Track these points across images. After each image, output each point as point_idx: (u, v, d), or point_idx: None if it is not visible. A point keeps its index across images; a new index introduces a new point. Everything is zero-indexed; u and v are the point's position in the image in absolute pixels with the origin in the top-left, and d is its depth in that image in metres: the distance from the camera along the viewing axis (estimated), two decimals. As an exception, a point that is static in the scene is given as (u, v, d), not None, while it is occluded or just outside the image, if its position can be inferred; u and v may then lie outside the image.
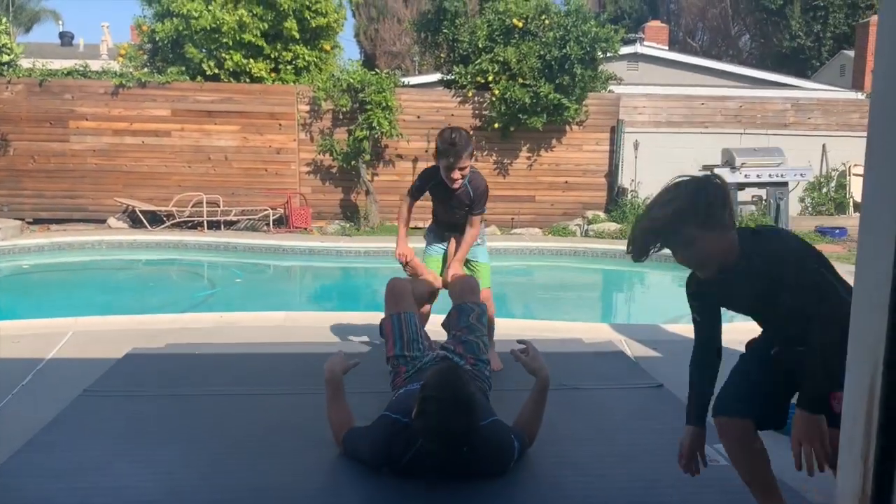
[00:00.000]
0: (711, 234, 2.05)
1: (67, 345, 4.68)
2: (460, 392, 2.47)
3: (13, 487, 2.63)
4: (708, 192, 2.06)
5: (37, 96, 11.49)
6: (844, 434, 0.98)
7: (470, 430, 2.49)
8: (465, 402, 2.46)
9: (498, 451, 2.68)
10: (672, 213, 2.04)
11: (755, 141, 12.34)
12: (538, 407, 2.94)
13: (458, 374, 2.62)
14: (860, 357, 0.94)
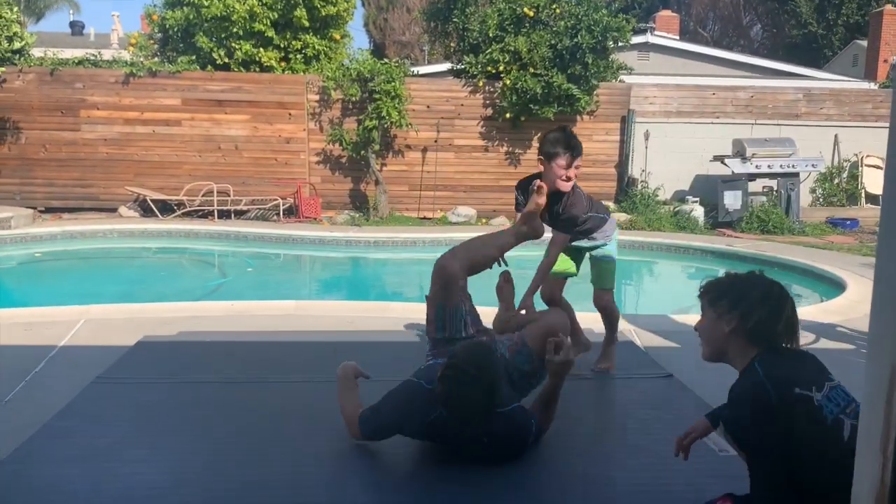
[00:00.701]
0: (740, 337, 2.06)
1: (80, 332, 4.70)
2: (485, 369, 2.51)
3: (26, 473, 2.65)
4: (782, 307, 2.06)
5: (48, 85, 11.53)
6: (862, 426, 0.98)
7: (487, 409, 2.52)
8: (487, 381, 2.50)
9: (516, 434, 2.73)
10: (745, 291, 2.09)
11: (766, 131, 12.27)
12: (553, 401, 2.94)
13: (489, 352, 2.64)
14: (879, 351, 0.94)
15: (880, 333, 0.95)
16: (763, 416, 1.91)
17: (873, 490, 0.94)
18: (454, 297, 3.00)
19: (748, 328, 2.02)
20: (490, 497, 2.57)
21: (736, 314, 2.04)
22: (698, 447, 2.97)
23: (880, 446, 0.92)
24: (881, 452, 0.92)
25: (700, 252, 9.62)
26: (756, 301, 2.03)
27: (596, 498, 2.60)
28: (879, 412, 0.92)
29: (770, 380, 1.91)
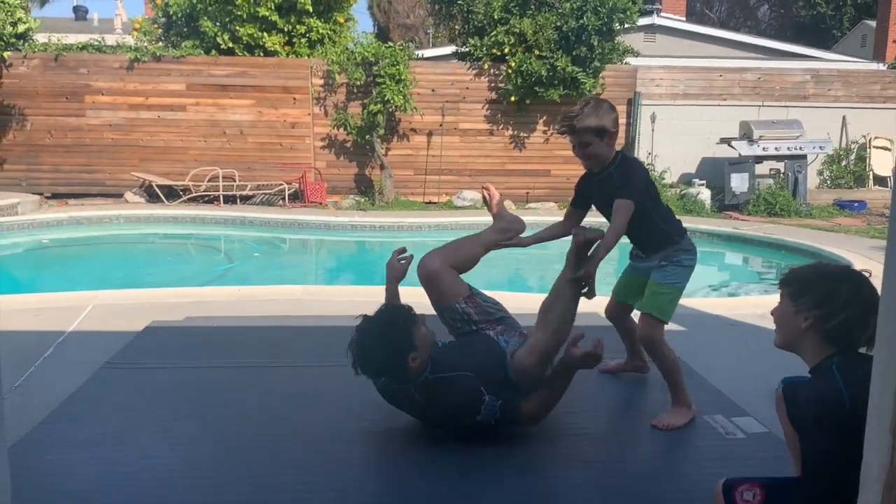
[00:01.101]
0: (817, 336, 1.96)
1: (88, 318, 4.72)
2: (389, 327, 2.68)
3: (37, 458, 2.68)
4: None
5: (52, 71, 11.52)
6: (872, 408, 0.97)
7: (387, 364, 2.69)
8: (388, 338, 2.65)
9: (451, 400, 2.76)
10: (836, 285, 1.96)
11: (774, 113, 12.19)
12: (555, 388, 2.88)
13: (398, 315, 2.76)
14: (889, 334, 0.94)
15: (890, 316, 0.95)
16: (834, 425, 1.80)
17: (882, 472, 0.94)
18: (446, 297, 3.10)
19: (827, 329, 1.91)
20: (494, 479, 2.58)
21: (817, 313, 1.92)
22: (704, 429, 2.98)
23: (890, 428, 0.92)
24: (890, 434, 0.92)
25: (706, 235, 9.59)
26: (841, 303, 1.90)
27: (603, 481, 2.61)
28: (890, 394, 0.92)
29: (849, 390, 1.79)
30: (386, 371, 2.75)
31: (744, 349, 4.30)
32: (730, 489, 1.94)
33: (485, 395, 2.74)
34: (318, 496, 2.45)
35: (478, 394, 2.74)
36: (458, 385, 2.76)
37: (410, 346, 2.68)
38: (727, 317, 5.03)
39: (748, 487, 1.93)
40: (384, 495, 2.49)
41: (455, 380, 2.78)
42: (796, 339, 1.98)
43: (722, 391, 3.44)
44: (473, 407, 2.74)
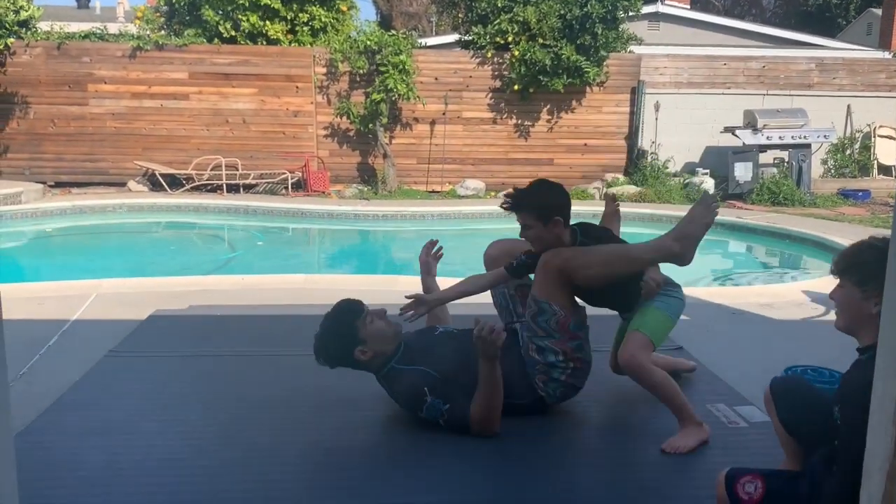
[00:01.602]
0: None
1: (92, 306, 4.74)
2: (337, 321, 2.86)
3: (43, 446, 2.69)
4: None
5: (55, 59, 11.50)
6: (875, 397, 0.98)
7: (332, 354, 2.86)
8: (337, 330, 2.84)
9: (401, 392, 2.85)
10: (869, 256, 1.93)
11: (778, 102, 12.13)
12: (479, 392, 2.74)
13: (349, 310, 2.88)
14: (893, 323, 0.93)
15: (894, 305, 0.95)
16: None
17: (886, 463, 0.94)
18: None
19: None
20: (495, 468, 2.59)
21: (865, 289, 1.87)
22: (706, 417, 2.99)
23: (894, 419, 0.92)
24: (893, 425, 0.92)
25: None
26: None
27: (604, 469, 2.62)
28: (893, 384, 0.92)
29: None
30: (337, 363, 2.90)
31: (746, 338, 4.31)
32: (732, 480, 1.94)
33: (427, 396, 2.76)
34: (323, 483, 2.47)
35: (420, 393, 2.77)
36: (406, 380, 2.83)
37: (355, 340, 2.81)
38: (730, 306, 5.03)
39: (750, 479, 1.92)
40: (388, 484, 2.50)
41: (406, 374, 2.84)
42: (864, 323, 1.91)
43: (724, 380, 3.45)
44: (416, 404, 2.80)
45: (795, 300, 5.14)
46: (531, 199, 2.85)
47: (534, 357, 2.85)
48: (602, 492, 2.46)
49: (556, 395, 2.90)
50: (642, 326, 2.86)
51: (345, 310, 2.89)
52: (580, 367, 2.88)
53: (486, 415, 2.74)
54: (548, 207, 2.81)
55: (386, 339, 2.87)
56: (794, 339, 4.21)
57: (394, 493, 2.42)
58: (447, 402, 2.75)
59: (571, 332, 2.81)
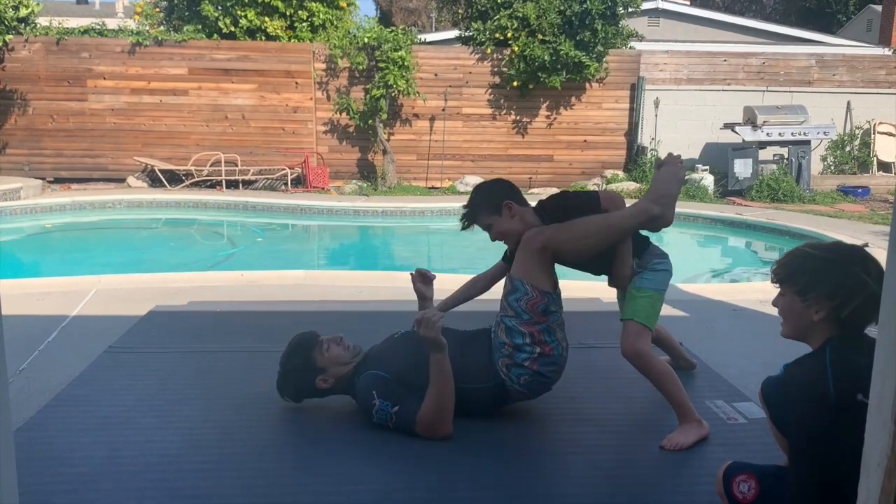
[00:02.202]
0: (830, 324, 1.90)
1: (91, 302, 4.74)
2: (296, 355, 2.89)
3: (42, 441, 2.69)
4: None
5: (54, 55, 11.48)
6: (874, 394, 0.98)
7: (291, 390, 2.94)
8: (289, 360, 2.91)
9: (359, 398, 2.82)
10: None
11: (778, 98, 12.14)
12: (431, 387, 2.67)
13: (304, 343, 2.92)
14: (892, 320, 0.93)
15: (893, 301, 0.95)
16: (814, 411, 1.76)
17: (883, 460, 0.94)
18: None
19: (842, 317, 1.84)
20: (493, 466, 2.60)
21: (830, 304, 1.85)
22: (705, 413, 2.99)
23: (892, 416, 0.92)
24: (892, 421, 0.93)
25: (709, 221, 9.58)
26: (852, 290, 1.83)
27: (600, 464, 2.62)
28: (891, 381, 0.92)
29: (835, 377, 1.75)
30: (302, 395, 2.94)
31: (746, 334, 4.31)
32: (728, 478, 1.95)
33: (375, 399, 2.72)
34: (320, 479, 2.47)
35: (369, 397, 2.74)
36: (358, 385, 2.82)
37: (314, 370, 2.85)
38: (729, 302, 5.03)
39: (744, 479, 1.92)
40: (385, 481, 2.50)
41: (359, 381, 2.83)
42: (809, 330, 1.92)
43: (724, 377, 3.45)
44: (367, 409, 2.76)
45: (794, 297, 5.14)
46: (476, 203, 2.91)
47: (501, 338, 2.78)
48: (601, 488, 2.46)
49: (517, 382, 2.76)
50: (635, 315, 2.84)
51: (299, 344, 2.92)
52: (547, 354, 2.75)
53: (435, 415, 2.66)
54: (492, 199, 2.87)
55: (345, 363, 2.87)
56: (793, 336, 4.21)
57: (395, 486, 2.43)
58: (395, 404, 2.69)
59: (540, 314, 2.72)
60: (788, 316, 1.97)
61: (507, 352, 2.77)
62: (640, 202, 2.83)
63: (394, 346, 2.95)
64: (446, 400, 2.66)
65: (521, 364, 2.74)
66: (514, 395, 2.84)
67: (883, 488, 0.95)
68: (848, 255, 1.92)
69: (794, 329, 1.97)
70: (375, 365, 2.84)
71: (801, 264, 1.94)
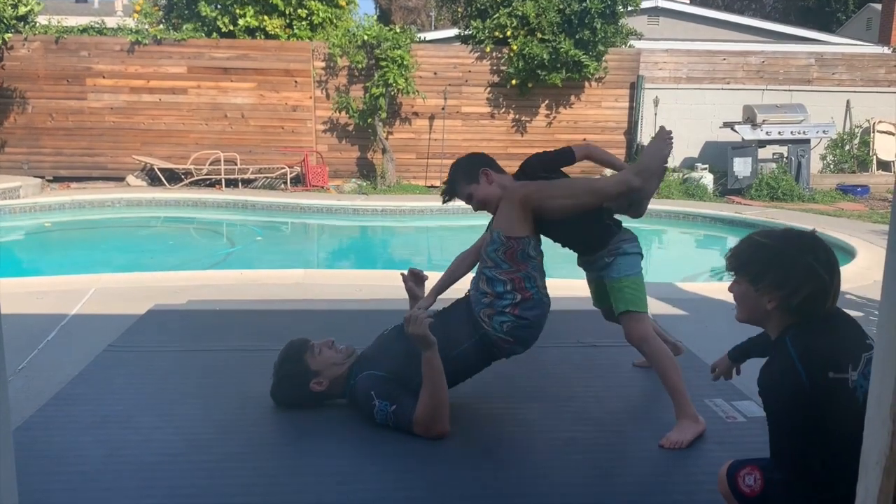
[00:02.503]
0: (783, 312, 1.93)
1: (90, 301, 4.74)
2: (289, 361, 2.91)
3: (41, 440, 2.69)
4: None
5: (53, 53, 11.48)
6: (872, 393, 0.98)
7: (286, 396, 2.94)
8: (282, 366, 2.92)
9: (358, 402, 2.82)
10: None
11: (778, 97, 12.14)
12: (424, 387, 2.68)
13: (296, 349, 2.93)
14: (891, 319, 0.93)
15: (893, 301, 0.95)
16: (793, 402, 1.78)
17: (882, 458, 0.94)
18: None
19: (792, 305, 1.88)
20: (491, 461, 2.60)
21: (780, 294, 1.88)
22: (704, 412, 2.99)
23: (890, 414, 0.93)
24: (891, 420, 0.93)
25: (709, 220, 9.58)
26: (802, 279, 1.86)
27: (599, 463, 2.62)
28: (890, 380, 0.92)
29: (803, 363, 1.77)
30: (298, 400, 2.92)
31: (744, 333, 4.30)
32: (732, 473, 1.96)
33: (374, 399, 2.73)
34: (320, 479, 2.47)
35: (368, 398, 2.75)
36: (358, 389, 2.82)
37: (308, 373, 2.85)
38: (729, 301, 5.01)
39: (748, 472, 1.94)
40: (384, 480, 2.50)
41: (357, 384, 2.83)
42: (762, 317, 1.97)
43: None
44: (368, 411, 2.76)
45: (794, 295, 5.14)
46: (454, 175, 3.04)
47: (483, 288, 2.79)
48: (600, 487, 2.46)
49: (501, 330, 2.75)
50: (627, 305, 2.90)
51: (291, 349, 2.93)
52: (528, 299, 2.75)
53: (431, 414, 2.66)
54: (468, 169, 2.99)
55: (338, 365, 2.88)
56: (792, 335, 4.21)
57: (395, 486, 2.43)
58: (393, 403, 2.69)
59: (519, 262, 2.74)
60: (743, 303, 2.01)
61: (487, 301, 2.77)
62: (623, 173, 2.92)
63: (385, 344, 2.95)
64: (440, 399, 2.66)
65: (503, 311, 2.74)
66: (501, 346, 2.79)
67: (881, 487, 0.95)
68: (798, 244, 1.94)
69: (748, 315, 2.02)
70: (370, 365, 2.85)
71: (753, 253, 1.97)
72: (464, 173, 3.00)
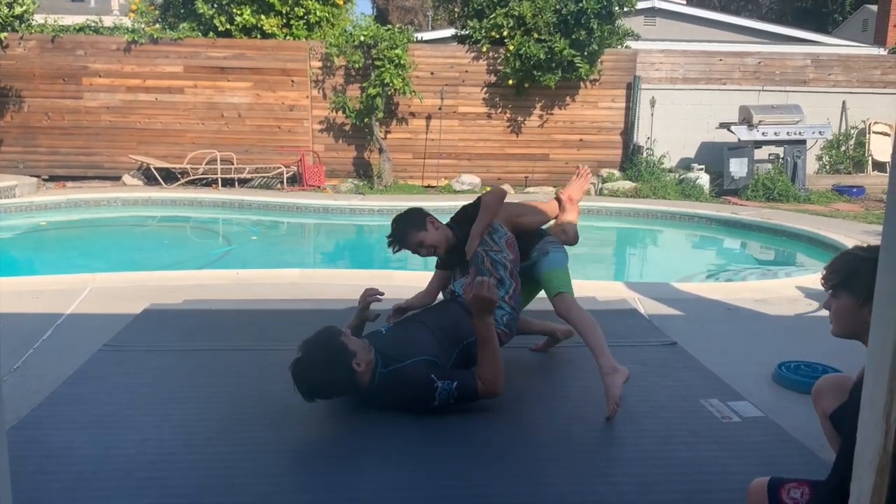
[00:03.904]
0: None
1: (86, 300, 4.73)
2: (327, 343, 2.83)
3: (36, 439, 2.69)
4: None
5: (49, 53, 11.45)
6: (866, 392, 0.98)
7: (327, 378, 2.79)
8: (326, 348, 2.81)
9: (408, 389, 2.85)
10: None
11: (774, 98, 12.17)
12: (482, 354, 2.93)
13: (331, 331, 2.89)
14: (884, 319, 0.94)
15: (886, 302, 0.95)
16: None
17: (875, 458, 0.95)
18: None
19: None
20: (490, 461, 2.60)
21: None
22: (700, 412, 3.00)
23: (884, 414, 0.93)
24: (884, 420, 0.93)
25: (705, 220, 9.60)
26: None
27: (595, 463, 2.62)
28: (884, 380, 0.93)
29: None
30: (337, 386, 2.84)
31: (740, 334, 4.32)
32: (775, 487, 1.93)
33: (436, 382, 2.81)
34: (314, 479, 2.47)
35: (429, 381, 2.81)
36: (410, 377, 2.85)
37: (348, 353, 2.82)
38: (725, 301, 5.04)
39: (796, 486, 1.91)
40: (381, 479, 2.50)
41: (406, 372, 2.86)
42: (861, 330, 1.95)
43: (718, 375, 3.46)
44: (427, 396, 2.82)
45: (789, 296, 5.16)
46: (401, 229, 3.37)
47: (489, 269, 3.16)
48: (599, 486, 2.46)
49: (502, 323, 3.12)
50: (561, 287, 3.32)
51: (327, 333, 2.91)
52: (518, 290, 3.22)
53: (495, 372, 2.89)
54: (416, 219, 3.39)
55: (367, 350, 2.91)
56: (788, 335, 4.22)
57: (394, 486, 2.43)
58: (454, 381, 2.85)
59: (514, 252, 3.27)
60: (841, 317, 2.02)
61: None
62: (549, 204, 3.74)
63: (409, 335, 3.05)
64: (499, 359, 2.92)
65: (502, 301, 3.12)
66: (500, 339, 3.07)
67: (875, 486, 0.96)
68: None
69: (845, 329, 2.02)
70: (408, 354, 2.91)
71: (856, 268, 1.99)
72: (411, 224, 3.37)
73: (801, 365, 3.51)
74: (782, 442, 2.77)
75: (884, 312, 0.95)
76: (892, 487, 0.93)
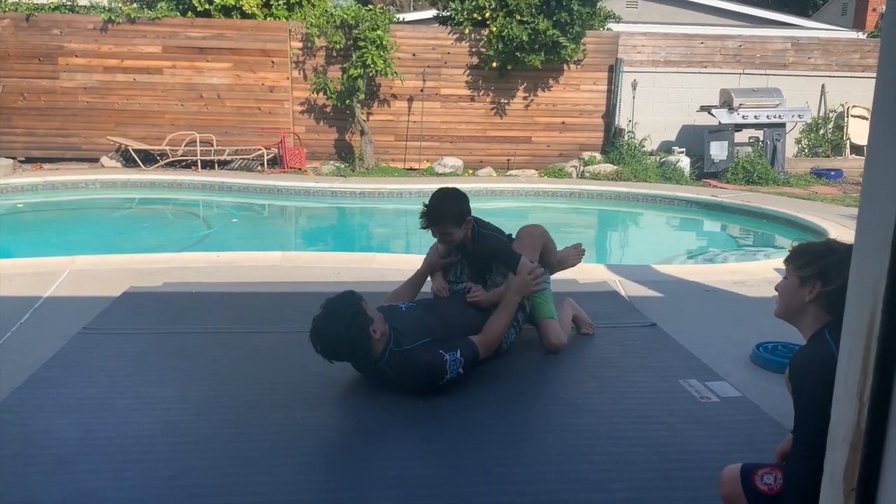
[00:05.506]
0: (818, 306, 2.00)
1: (65, 283, 4.69)
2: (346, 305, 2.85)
3: (16, 422, 2.67)
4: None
5: (24, 32, 11.25)
6: (840, 370, 1.00)
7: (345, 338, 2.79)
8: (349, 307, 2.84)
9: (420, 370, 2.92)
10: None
11: (754, 81, 12.22)
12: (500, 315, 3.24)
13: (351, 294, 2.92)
14: (859, 299, 0.95)
15: (860, 281, 0.97)
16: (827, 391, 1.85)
17: (849, 435, 0.96)
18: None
19: (830, 301, 1.94)
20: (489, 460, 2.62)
21: (820, 284, 1.95)
22: (678, 392, 3.04)
23: (857, 392, 0.95)
24: (857, 398, 0.95)
25: (685, 203, 9.66)
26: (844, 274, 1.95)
27: (575, 444, 2.65)
28: (858, 359, 0.94)
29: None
30: (353, 347, 2.83)
31: (719, 315, 4.37)
32: (748, 473, 1.94)
33: (445, 354, 2.92)
34: (294, 460, 2.47)
35: (439, 357, 2.91)
36: (423, 357, 2.92)
37: (366, 318, 2.85)
38: (703, 283, 5.09)
39: (769, 471, 1.92)
40: (367, 458, 2.51)
41: (419, 351, 2.93)
42: (799, 310, 2.01)
43: (697, 356, 3.50)
44: (438, 373, 2.91)
45: (768, 278, 5.21)
46: (443, 212, 3.38)
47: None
48: (579, 465, 2.49)
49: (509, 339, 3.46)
50: (551, 314, 3.59)
51: (351, 295, 2.93)
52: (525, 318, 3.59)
53: (497, 333, 3.21)
54: (461, 214, 3.41)
55: (382, 321, 2.95)
56: (766, 316, 4.24)
57: (377, 466, 2.44)
58: (457, 350, 2.98)
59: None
60: (784, 294, 2.06)
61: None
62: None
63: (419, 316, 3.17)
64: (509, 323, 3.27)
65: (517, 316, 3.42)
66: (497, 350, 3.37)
67: (847, 462, 0.98)
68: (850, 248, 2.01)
69: (786, 308, 2.06)
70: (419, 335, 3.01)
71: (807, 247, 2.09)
72: (454, 215, 3.39)
73: (779, 346, 3.55)
74: (759, 421, 2.81)
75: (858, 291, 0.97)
76: (864, 464, 0.95)
